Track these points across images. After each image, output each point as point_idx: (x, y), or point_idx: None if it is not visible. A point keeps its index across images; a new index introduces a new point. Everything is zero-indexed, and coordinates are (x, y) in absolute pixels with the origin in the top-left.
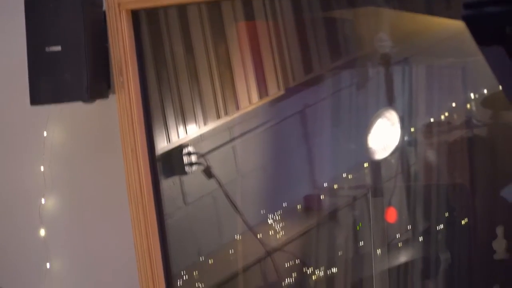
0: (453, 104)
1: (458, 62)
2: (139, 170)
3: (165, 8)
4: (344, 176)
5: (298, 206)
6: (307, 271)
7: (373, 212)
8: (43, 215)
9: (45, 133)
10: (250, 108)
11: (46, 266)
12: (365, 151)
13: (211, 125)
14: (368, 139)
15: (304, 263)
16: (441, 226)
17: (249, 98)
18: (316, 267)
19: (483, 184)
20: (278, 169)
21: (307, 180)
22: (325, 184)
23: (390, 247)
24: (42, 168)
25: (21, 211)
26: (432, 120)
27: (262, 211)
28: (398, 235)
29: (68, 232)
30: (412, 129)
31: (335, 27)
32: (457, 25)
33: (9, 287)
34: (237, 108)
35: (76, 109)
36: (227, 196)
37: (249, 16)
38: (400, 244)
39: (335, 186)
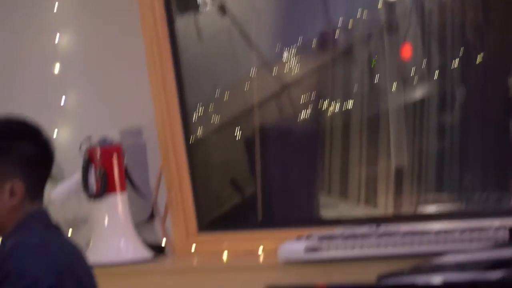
0: None
1: None
2: (152, 5)
3: None
4: (359, 13)
5: (313, 42)
6: (322, 106)
7: (388, 48)
8: (58, 51)
9: None
10: None
11: (61, 101)
12: None
13: None
14: None
15: (320, 98)
16: (456, 62)
17: None
18: (331, 102)
19: (500, 22)
20: (293, 6)
21: (322, 17)
22: (340, 21)
23: (405, 83)
24: (56, 6)
25: (36, 48)
26: None
27: (277, 47)
28: (413, 71)
29: (82, 68)
30: None
31: None
32: None
33: None
34: None
35: None
36: (242, 31)
37: None
38: (415, 80)
39: (350, 23)
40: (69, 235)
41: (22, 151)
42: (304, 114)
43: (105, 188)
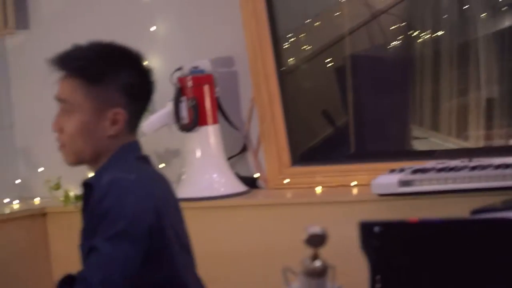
0: None
1: None
2: None
3: None
4: None
5: None
6: (412, 34)
7: None
8: None
9: None
10: None
11: (150, 29)
12: None
13: None
14: None
15: (409, 26)
16: None
17: None
18: (421, 30)
19: None
20: None
21: None
22: None
23: (494, 10)
24: None
25: None
26: None
27: None
28: None
29: None
30: None
31: None
32: None
33: None
34: None
35: None
36: None
37: None
38: (504, 8)
39: None
40: (161, 168)
41: (126, 79)
42: (395, 43)
43: (197, 119)
